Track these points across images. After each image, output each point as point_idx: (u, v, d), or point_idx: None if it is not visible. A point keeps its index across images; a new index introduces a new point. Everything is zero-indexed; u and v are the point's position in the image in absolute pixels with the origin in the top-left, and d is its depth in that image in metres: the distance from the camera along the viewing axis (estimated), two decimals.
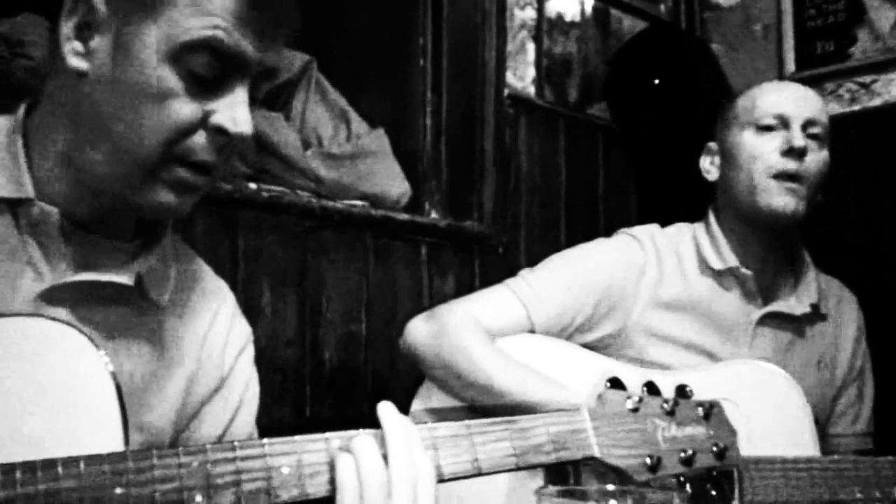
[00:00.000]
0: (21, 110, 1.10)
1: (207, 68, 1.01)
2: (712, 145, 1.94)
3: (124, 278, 1.08)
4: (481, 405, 1.60)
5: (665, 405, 1.17)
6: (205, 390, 1.21)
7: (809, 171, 1.78)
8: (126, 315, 1.11)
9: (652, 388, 1.18)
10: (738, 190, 1.83)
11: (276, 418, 1.94)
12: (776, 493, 1.53)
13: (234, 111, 1.03)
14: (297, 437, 0.95)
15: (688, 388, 1.21)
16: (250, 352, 1.29)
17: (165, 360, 1.16)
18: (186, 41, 0.99)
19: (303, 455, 0.95)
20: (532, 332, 1.70)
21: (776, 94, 1.85)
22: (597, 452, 1.11)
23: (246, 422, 1.26)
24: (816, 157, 1.79)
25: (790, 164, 1.77)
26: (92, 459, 0.85)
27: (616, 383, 1.17)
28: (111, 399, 0.96)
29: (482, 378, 1.57)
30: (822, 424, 1.88)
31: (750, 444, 1.51)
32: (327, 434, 0.97)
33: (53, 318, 0.97)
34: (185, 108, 1.01)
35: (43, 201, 1.04)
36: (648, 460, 1.13)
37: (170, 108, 1.00)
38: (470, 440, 1.04)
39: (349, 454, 0.95)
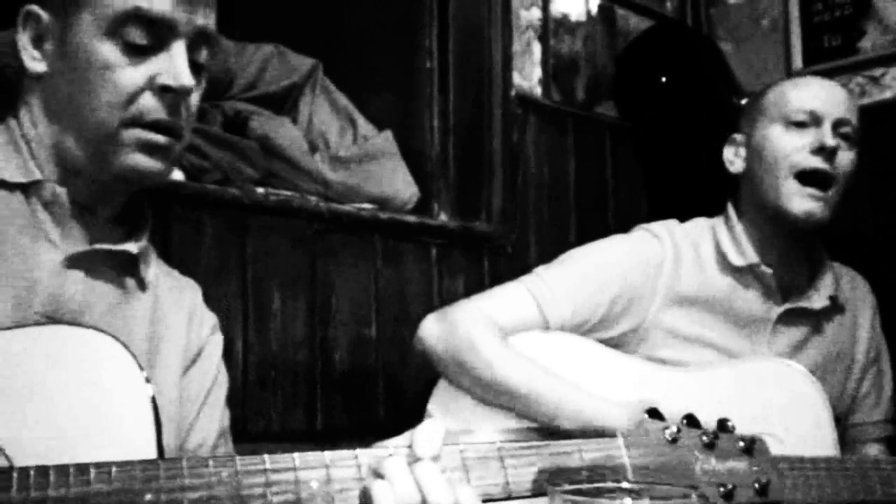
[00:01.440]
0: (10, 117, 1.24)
1: (140, 35, 1.14)
2: (738, 136, 1.90)
3: (130, 248, 1.22)
4: (496, 405, 1.59)
5: (704, 438, 1.15)
6: (186, 364, 1.30)
7: (839, 171, 1.75)
8: (124, 293, 1.24)
9: (692, 421, 1.16)
10: (763, 187, 1.80)
11: (288, 422, 1.94)
12: (793, 493, 1.51)
13: (174, 68, 1.15)
14: (326, 453, 0.95)
15: (729, 423, 1.18)
16: (219, 337, 1.39)
17: (160, 336, 1.26)
18: (114, 16, 1.13)
19: (332, 470, 0.94)
20: (547, 329, 1.69)
21: (808, 90, 1.81)
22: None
23: (219, 400, 1.34)
24: (845, 158, 1.77)
25: (819, 164, 1.74)
26: (124, 465, 0.87)
27: (654, 413, 1.14)
28: (147, 420, 1.02)
29: (493, 376, 1.56)
30: (843, 418, 1.87)
31: (770, 443, 1.50)
32: (357, 451, 0.97)
33: (104, 332, 1.06)
34: (127, 74, 1.14)
35: None
36: None
37: (114, 77, 1.14)
38: (500, 462, 1.02)
39: (384, 481, 0.93)
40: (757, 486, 1.15)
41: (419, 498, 0.93)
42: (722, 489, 1.12)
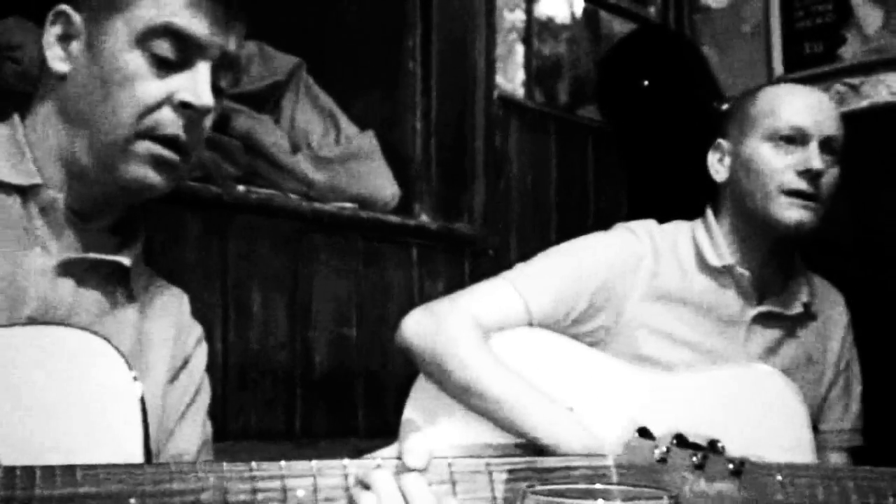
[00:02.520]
0: (16, 115, 1.22)
1: (169, 50, 1.14)
2: (724, 143, 1.90)
3: (124, 259, 1.21)
4: (474, 410, 1.59)
5: (694, 459, 1.15)
6: (173, 371, 1.29)
7: (823, 190, 1.77)
8: (112, 302, 1.22)
9: (681, 441, 1.16)
10: (750, 198, 1.81)
11: (267, 422, 1.94)
12: (773, 498, 1.52)
13: (196, 86, 1.15)
14: (314, 462, 0.95)
15: (720, 444, 1.18)
16: (205, 347, 1.38)
17: (148, 344, 1.25)
18: (146, 27, 1.13)
19: (319, 479, 0.94)
20: (530, 324, 1.69)
21: (796, 105, 1.80)
22: None
23: (200, 410, 1.33)
24: (830, 175, 1.78)
25: (804, 185, 1.76)
26: (110, 468, 0.87)
27: (644, 433, 1.14)
28: (135, 420, 1.01)
29: (473, 382, 1.56)
30: (815, 424, 1.88)
31: (748, 450, 1.51)
32: (345, 461, 0.97)
33: (94, 332, 1.06)
34: (150, 86, 1.14)
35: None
36: None
37: (137, 87, 1.13)
38: (488, 477, 1.02)
39: (370, 493, 0.94)
40: None
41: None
42: None
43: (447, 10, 2.48)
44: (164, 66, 1.14)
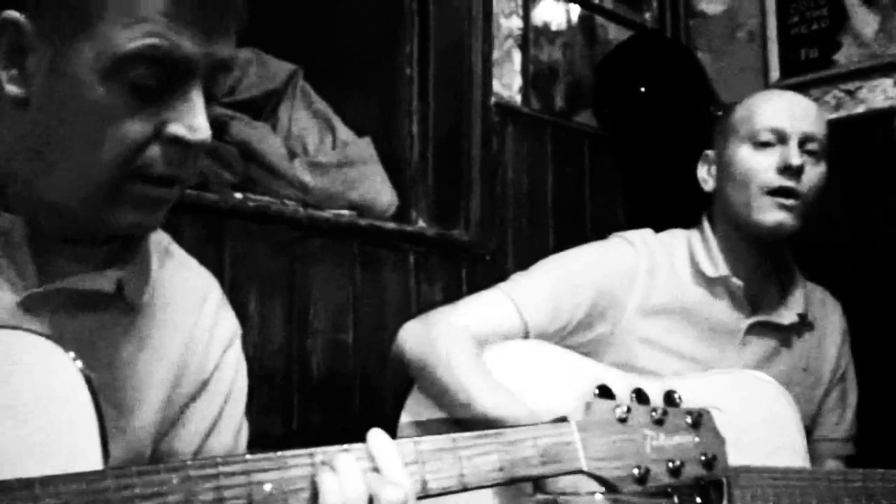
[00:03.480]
0: None
1: (150, 78, 0.94)
2: (710, 154, 1.93)
3: (104, 285, 1.04)
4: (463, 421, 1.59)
5: (654, 414, 1.16)
6: (189, 390, 1.18)
7: (805, 189, 1.78)
8: (105, 320, 1.07)
9: (641, 396, 1.16)
10: (734, 203, 1.83)
11: (264, 428, 1.93)
12: (764, 502, 1.53)
13: (190, 118, 0.97)
14: (280, 453, 0.93)
15: (676, 396, 1.19)
16: (237, 346, 1.25)
17: (146, 362, 1.12)
18: (119, 55, 0.92)
19: (286, 471, 0.93)
20: (527, 335, 1.69)
21: (773, 107, 1.83)
22: (584, 465, 1.09)
23: (233, 418, 1.23)
24: (812, 174, 1.79)
25: (786, 182, 1.77)
26: (69, 479, 0.83)
27: (604, 391, 1.15)
28: (88, 410, 0.93)
29: (463, 396, 1.57)
30: (809, 432, 1.89)
31: (741, 455, 1.51)
32: (312, 449, 0.95)
33: (27, 329, 0.93)
34: (134, 125, 0.95)
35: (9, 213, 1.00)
36: (636, 471, 1.11)
37: (118, 127, 0.94)
38: (455, 454, 1.02)
39: (331, 471, 0.93)
40: (703, 459, 1.17)
41: (365, 490, 0.93)
42: (671, 465, 1.14)
43: (444, 16, 2.48)
44: (145, 95, 0.95)
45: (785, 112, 1.82)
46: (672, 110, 2.69)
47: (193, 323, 1.19)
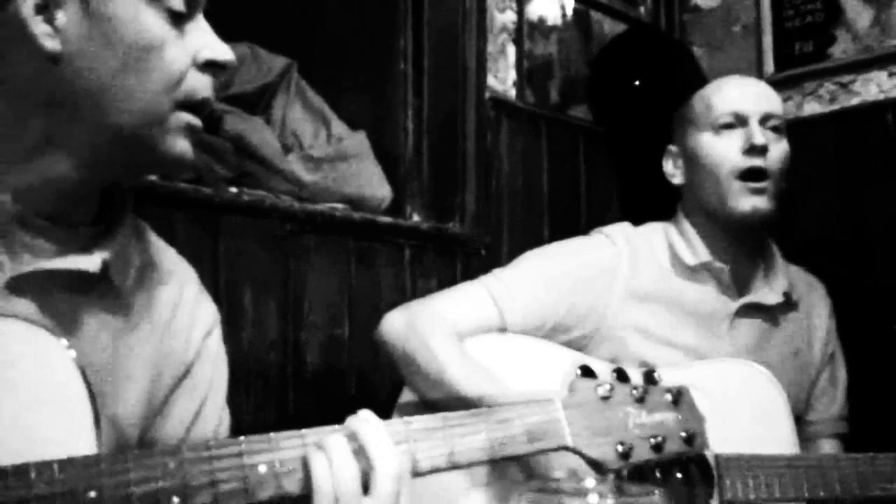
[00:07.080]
0: None
1: (181, 2, 1.01)
2: (672, 148, 1.96)
3: (89, 265, 1.04)
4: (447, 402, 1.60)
5: (635, 392, 1.18)
6: (173, 374, 1.18)
7: (773, 166, 1.80)
8: (89, 303, 1.07)
9: (622, 375, 1.19)
10: (706, 193, 1.84)
11: (260, 423, 1.93)
12: (756, 491, 1.54)
13: (214, 42, 1.04)
14: (272, 435, 0.95)
15: (655, 374, 1.22)
16: (217, 334, 1.27)
17: (130, 347, 1.12)
18: None
19: (279, 453, 0.94)
20: (504, 330, 1.70)
21: (730, 92, 1.86)
22: (570, 442, 1.12)
23: (216, 405, 1.24)
24: (777, 151, 1.81)
25: (754, 161, 1.79)
26: (65, 464, 0.84)
27: (587, 371, 1.17)
28: (80, 393, 0.94)
29: (440, 377, 1.58)
30: (801, 416, 1.90)
31: (731, 444, 1.52)
32: (303, 431, 0.97)
33: (13, 316, 0.94)
34: (176, 52, 1.01)
35: None
36: (620, 447, 1.14)
37: (163, 55, 1.00)
38: (445, 432, 1.04)
39: (322, 452, 0.96)
40: (684, 435, 1.19)
41: (356, 470, 0.96)
42: (653, 440, 1.16)
43: (438, 10, 2.49)
44: (178, 21, 1.01)
45: (741, 94, 1.85)
46: (667, 104, 2.69)
47: (175, 305, 1.20)
